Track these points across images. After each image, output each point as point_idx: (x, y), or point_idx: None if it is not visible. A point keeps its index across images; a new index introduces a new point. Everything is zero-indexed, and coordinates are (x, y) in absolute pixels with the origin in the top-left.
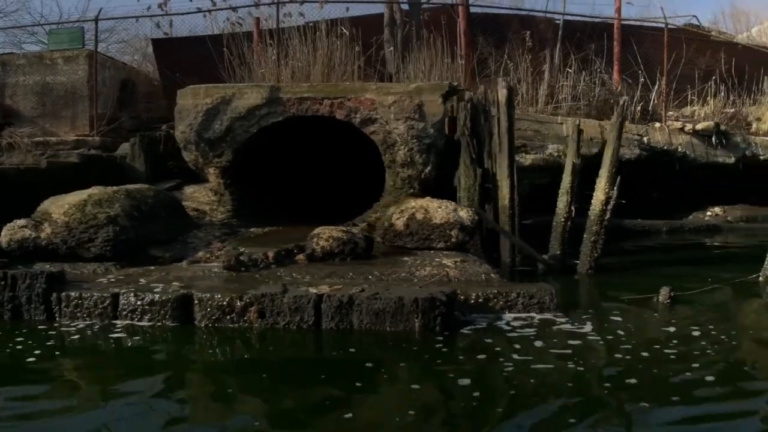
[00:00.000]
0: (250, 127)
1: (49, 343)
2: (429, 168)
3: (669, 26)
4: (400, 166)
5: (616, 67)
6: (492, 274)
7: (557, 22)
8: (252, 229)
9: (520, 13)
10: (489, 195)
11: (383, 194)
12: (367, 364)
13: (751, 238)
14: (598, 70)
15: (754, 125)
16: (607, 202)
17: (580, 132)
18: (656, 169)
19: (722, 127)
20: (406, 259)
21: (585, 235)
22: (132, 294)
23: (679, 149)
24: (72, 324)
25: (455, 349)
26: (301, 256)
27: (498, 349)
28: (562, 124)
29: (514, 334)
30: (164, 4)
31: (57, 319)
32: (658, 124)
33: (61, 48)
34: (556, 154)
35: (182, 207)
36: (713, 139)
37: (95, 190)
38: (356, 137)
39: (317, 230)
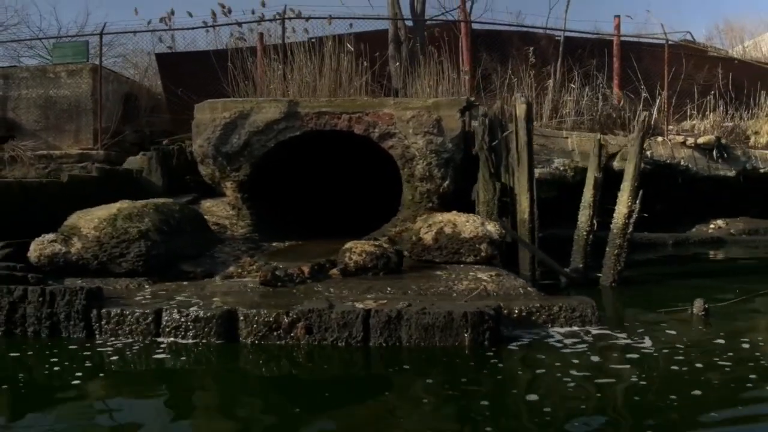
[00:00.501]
0: (268, 141)
1: (91, 362)
2: (447, 182)
3: (668, 42)
4: (419, 180)
5: (616, 82)
6: (529, 288)
7: (558, 38)
8: (274, 244)
9: (521, 29)
10: (506, 209)
11: (401, 208)
12: (427, 380)
13: (754, 250)
14: (601, 85)
15: (752, 139)
16: (629, 215)
17: (601, 147)
18: (659, 182)
19: (723, 141)
20: (438, 273)
21: (608, 249)
22: (175, 310)
23: (682, 163)
24: (113, 341)
25: (512, 364)
26: (334, 271)
27: (557, 363)
28: (567, 138)
29: (567, 350)
30: (168, 19)
31: (97, 336)
32: (660, 138)
33: (65, 61)
34: (562, 168)
35: (205, 221)
36: (714, 152)
37: (124, 204)
38: (370, 151)
39: (348, 245)
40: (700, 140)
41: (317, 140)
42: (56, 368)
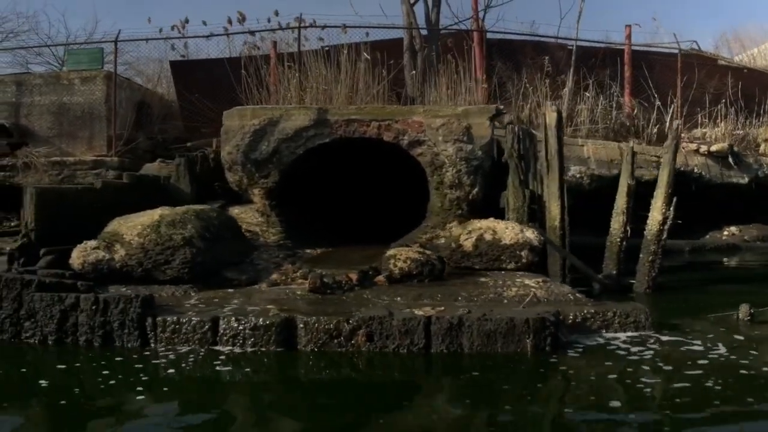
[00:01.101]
0: (297, 148)
1: (151, 373)
2: (476, 189)
3: (681, 51)
4: (448, 187)
5: (627, 91)
6: (577, 294)
7: (570, 47)
8: (307, 251)
9: (532, 39)
10: (535, 216)
11: (429, 215)
12: (503, 386)
13: None
14: (615, 93)
15: (762, 146)
16: (664, 222)
17: (634, 154)
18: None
19: (735, 149)
20: (483, 279)
21: (641, 255)
22: (233, 318)
23: (695, 170)
24: (169, 350)
25: (581, 371)
26: (380, 278)
27: (629, 369)
28: (583, 146)
29: (634, 356)
30: (181, 27)
31: (151, 345)
32: None
33: (80, 68)
34: (578, 175)
35: (240, 228)
36: (729, 160)
37: (165, 211)
38: (392, 159)
39: (391, 252)
40: (713, 148)
41: (341, 148)
42: (119, 377)
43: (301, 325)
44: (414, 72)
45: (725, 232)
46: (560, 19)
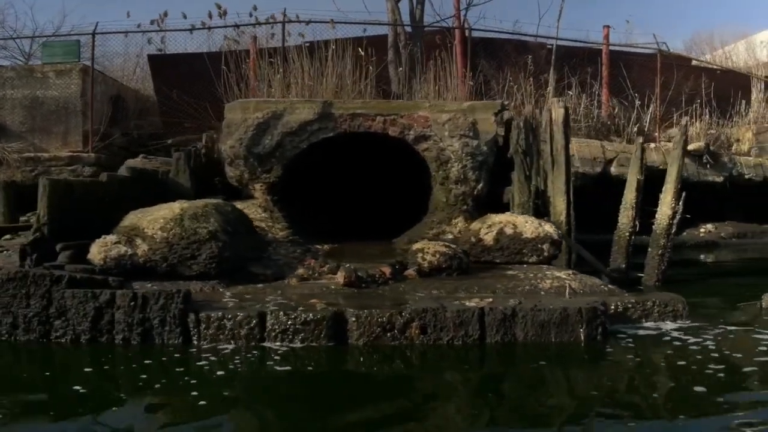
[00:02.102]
0: (301, 142)
1: (199, 372)
2: (481, 184)
3: (660, 52)
4: (454, 182)
5: (605, 91)
6: (609, 286)
7: (549, 47)
8: (317, 246)
9: (513, 38)
10: (539, 211)
11: (433, 211)
12: (573, 374)
13: (744, 252)
14: (596, 92)
15: (734, 146)
16: (673, 216)
17: (643, 151)
18: (654, 187)
19: (711, 148)
20: (512, 272)
21: (650, 249)
22: (281, 313)
23: None
24: (215, 347)
25: (646, 358)
26: (410, 272)
27: (698, 357)
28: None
29: (693, 346)
30: (160, 21)
31: (194, 342)
32: (653, 145)
33: (55, 61)
34: None
35: (252, 223)
36: (704, 159)
37: (184, 204)
38: (391, 154)
39: (418, 245)
40: (690, 147)
41: (339, 142)
42: (168, 377)
43: (353, 319)
44: (401, 69)
45: (702, 230)
46: (539, 19)
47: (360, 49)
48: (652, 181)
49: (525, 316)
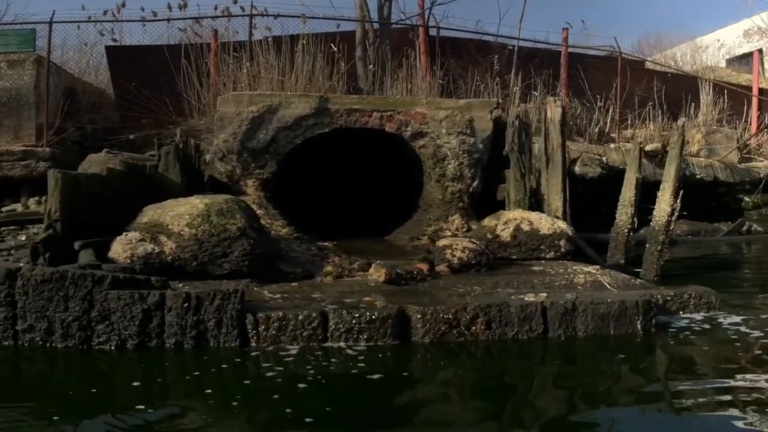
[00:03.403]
0: (295, 137)
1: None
2: (477, 182)
3: (612, 54)
4: (450, 180)
5: (563, 92)
6: (639, 280)
7: (511, 47)
8: (325, 243)
9: (476, 37)
10: (533, 209)
11: (428, 208)
12: (645, 365)
13: (698, 249)
14: (559, 93)
15: (685, 148)
16: (672, 213)
17: (641, 150)
18: (608, 186)
19: (667, 149)
20: (538, 268)
21: (648, 245)
22: (345, 312)
23: None
24: (277, 349)
25: (714, 347)
26: (443, 268)
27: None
28: (535, 143)
29: (750, 335)
30: (117, 11)
31: (252, 344)
32: (613, 145)
33: (9, 50)
34: None
35: (260, 220)
36: (660, 159)
37: (205, 199)
38: (377, 150)
39: (445, 242)
40: (648, 148)
41: (326, 139)
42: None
43: (418, 316)
44: (371, 66)
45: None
46: (500, 19)
47: (333, 45)
48: (614, 180)
49: (585, 309)
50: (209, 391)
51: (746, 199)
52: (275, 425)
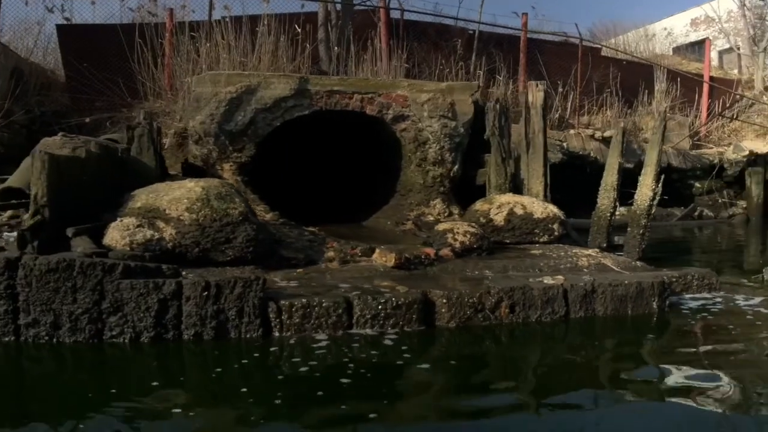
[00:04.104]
0: (274, 120)
1: (310, 368)
2: (457, 166)
3: (567, 41)
4: (431, 164)
5: (522, 77)
6: (638, 262)
7: (471, 32)
8: (310, 228)
9: (435, 21)
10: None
11: (409, 193)
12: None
13: (655, 233)
14: (521, 78)
15: (640, 134)
16: (653, 197)
17: (624, 135)
18: (566, 171)
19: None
20: (537, 252)
21: (630, 228)
22: (370, 298)
23: (591, 154)
24: (302, 338)
25: (738, 324)
26: (447, 252)
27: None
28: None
29: (750, 312)
30: None
31: (275, 333)
32: (573, 131)
33: None
34: None
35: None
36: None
37: (201, 183)
38: (349, 133)
39: (446, 226)
40: (606, 134)
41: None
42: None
43: (444, 301)
44: (336, 48)
45: (617, 213)
46: (459, 3)
47: (297, 26)
48: (575, 166)
49: (604, 291)
50: (244, 389)
51: (697, 185)
52: (336, 426)
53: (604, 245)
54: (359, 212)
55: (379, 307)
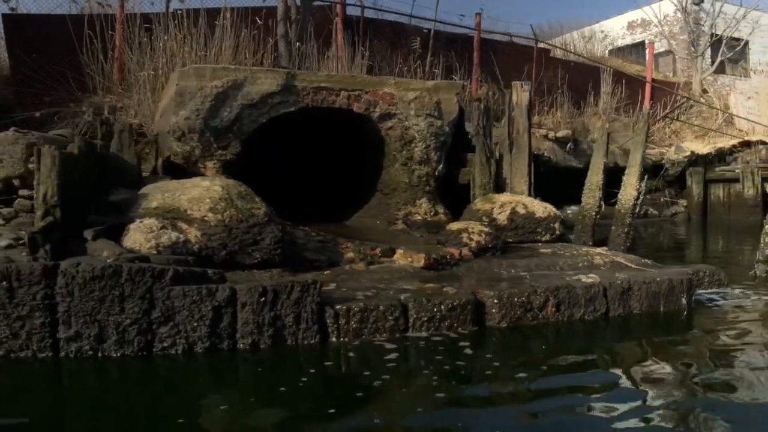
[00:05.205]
0: (260, 116)
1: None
2: (441, 165)
3: (512, 41)
4: (417, 163)
5: (475, 77)
6: (647, 260)
7: (426, 30)
8: (305, 228)
9: (391, 20)
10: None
11: (390, 192)
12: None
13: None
14: (481, 78)
15: (588, 135)
16: (637, 196)
17: (608, 135)
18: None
19: (576, 136)
20: (547, 250)
21: (614, 227)
22: (425, 300)
23: (545, 154)
24: (361, 344)
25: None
26: (467, 252)
27: None
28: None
29: None
30: None
31: (333, 339)
32: None
33: None
34: None
35: None
36: (569, 146)
37: (217, 181)
38: (331, 134)
39: (460, 225)
40: (559, 134)
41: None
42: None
43: (495, 301)
44: (298, 44)
45: (568, 212)
46: (413, 2)
47: (258, 19)
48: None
49: (640, 288)
50: (332, 410)
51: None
52: None
53: (590, 243)
54: (342, 211)
55: (435, 309)
